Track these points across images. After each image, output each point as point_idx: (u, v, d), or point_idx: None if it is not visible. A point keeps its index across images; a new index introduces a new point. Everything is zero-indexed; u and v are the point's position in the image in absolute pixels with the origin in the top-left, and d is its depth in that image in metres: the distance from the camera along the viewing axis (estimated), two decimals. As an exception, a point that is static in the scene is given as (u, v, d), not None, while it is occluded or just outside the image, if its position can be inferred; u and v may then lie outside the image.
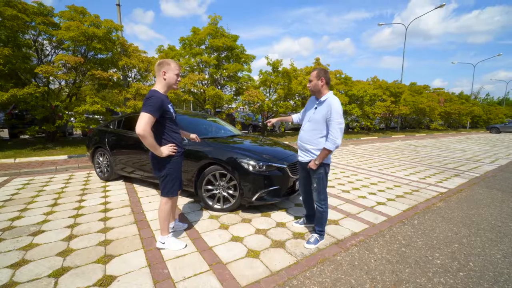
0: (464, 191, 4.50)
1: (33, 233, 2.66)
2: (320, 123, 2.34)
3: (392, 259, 2.29)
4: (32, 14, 7.16)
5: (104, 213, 3.23)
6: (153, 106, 2.05)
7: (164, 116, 2.18)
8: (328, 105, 2.29)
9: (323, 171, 2.42)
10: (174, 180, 2.32)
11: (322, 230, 2.58)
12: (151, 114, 2.04)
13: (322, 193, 2.47)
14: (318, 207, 2.52)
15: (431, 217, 3.29)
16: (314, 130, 2.39)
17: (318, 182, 2.45)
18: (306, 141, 2.47)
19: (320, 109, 2.37)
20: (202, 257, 2.26)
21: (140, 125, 2.00)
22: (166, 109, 2.18)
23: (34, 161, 6.28)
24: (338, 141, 2.24)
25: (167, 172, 2.27)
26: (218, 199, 3.32)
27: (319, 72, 2.37)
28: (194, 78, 10.40)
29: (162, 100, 2.12)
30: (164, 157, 2.20)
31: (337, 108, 2.25)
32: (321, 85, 2.37)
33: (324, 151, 2.29)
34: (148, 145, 2.09)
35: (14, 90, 6.43)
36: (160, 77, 2.20)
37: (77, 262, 2.15)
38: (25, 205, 3.48)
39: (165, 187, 2.30)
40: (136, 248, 2.39)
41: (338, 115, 2.24)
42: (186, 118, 4.41)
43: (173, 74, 2.20)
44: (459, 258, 2.33)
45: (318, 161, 2.34)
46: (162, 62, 2.20)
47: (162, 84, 2.21)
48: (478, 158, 8.48)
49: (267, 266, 2.15)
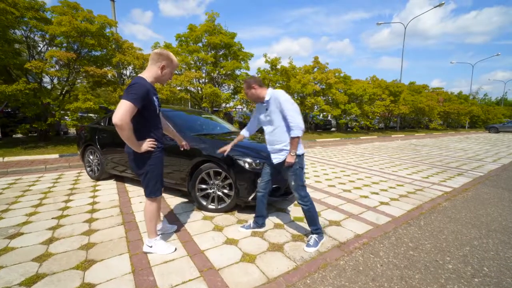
0: (470, 191, 4.33)
1: (10, 236, 2.45)
2: (278, 119, 2.29)
3: (399, 264, 2.10)
4: (23, 8, 6.92)
5: (91, 214, 3.03)
6: (137, 94, 1.80)
7: (147, 107, 1.92)
8: (274, 99, 2.28)
9: (298, 166, 2.31)
10: (156, 177, 2.10)
11: (318, 228, 2.39)
12: (133, 103, 1.77)
13: (302, 190, 2.34)
14: (302, 205, 2.35)
15: (437, 218, 3.11)
16: (277, 128, 2.32)
17: (295, 178, 2.31)
18: (275, 142, 2.36)
19: (270, 108, 2.32)
20: (193, 262, 2.06)
21: (118, 113, 1.73)
22: (151, 100, 1.94)
23: (23, 160, 6.06)
24: (300, 124, 2.20)
25: (148, 169, 2.05)
26: (212, 199, 3.13)
27: (247, 83, 2.38)
28: (191, 75, 10.19)
29: (147, 89, 1.88)
30: (143, 152, 1.98)
31: (283, 97, 2.24)
32: (256, 91, 2.35)
33: (294, 140, 2.23)
34: (125, 138, 1.84)
35: (3, 87, 6.20)
36: (154, 67, 1.97)
37: (54, 268, 1.95)
38: (8, 205, 3.27)
39: (147, 185, 2.09)
40: (121, 252, 2.19)
41: (287, 102, 2.23)
42: (182, 115, 4.21)
43: (170, 71, 2.04)
44: (472, 263, 2.14)
45: (293, 152, 2.24)
46: (163, 54, 1.97)
47: (153, 74, 1.98)
48: (480, 157, 8.33)
49: (263, 272, 1.96)
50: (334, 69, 16.78)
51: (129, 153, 2.05)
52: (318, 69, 16.61)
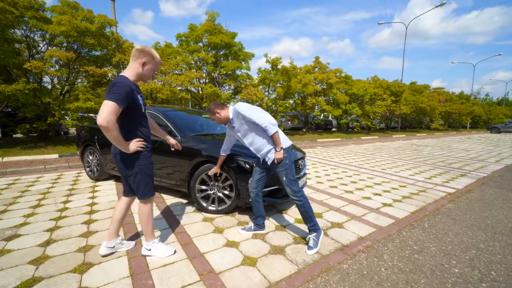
0: (473, 192, 4.27)
1: (7, 238, 2.41)
2: (251, 128, 2.32)
3: (404, 268, 2.05)
4: (23, 8, 6.89)
5: (89, 215, 2.98)
6: (120, 94, 1.73)
7: (132, 106, 1.85)
8: (236, 115, 2.33)
9: (288, 161, 2.31)
10: (148, 177, 2.03)
11: (314, 224, 2.36)
12: (117, 103, 1.71)
13: (294, 184, 2.33)
14: (296, 200, 2.33)
15: (442, 220, 3.05)
16: (255, 136, 2.35)
17: (286, 173, 2.31)
18: (260, 148, 2.38)
19: (237, 124, 2.37)
20: (192, 265, 2.01)
21: (102, 115, 1.66)
22: (135, 98, 1.87)
23: (23, 160, 6.03)
24: (271, 120, 2.23)
25: (138, 170, 1.97)
26: (212, 200, 3.08)
27: (210, 110, 2.42)
28: (191, 75, 10.15)
29: (130, 88, 1.81)
30: (131, 153, 1.91)
31: (243, 108, 2.27)
32: (220, 115, 2.38)
33: (274, 137, 2.24)
34: (112, 139, 1.78)
35: (3, 87, 6.17)
36: (136, 64, 1.89)
37: (51, 272, 1.90)
38: (6, 206, 3.23)
39: (138, 187, 2.02)
40: (119, 255, 2.14)
41: (248, 110, 2.25)
42: (182, 114, 4.16)
43: (152, 67, 1.94)
44: (479, 267, 2.09)
45: (278, 147, 2.25)
46: (145, 51, 1.89)
47: (134, 72, 1.90)
48: (483, 157, 8.26)
49: (264, 276, 1.91)
50: (335, 69, 16.73)
51: (115, 153, 1.98)
52: (319, 69, 16.56)
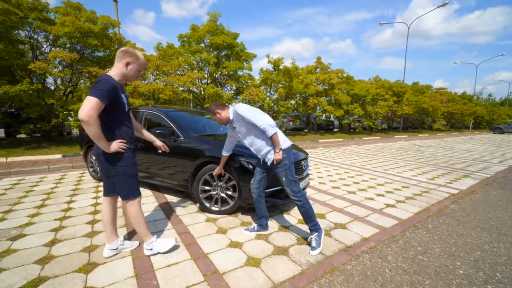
0: (477, 193, 4.25)
1: (13, 237, 2.43)
2: (250, 130, 2.35)
3: (408, 269, 2.05)
4: (26, 9, 6.94)
5: (93, 215, 3.00)
6: (102, 90, 1.75)
7: (114, 104, 1.86)
8: (236, 115, 2.35)
9: (287, 162, 2.33)
10: (131, 178, 2.03)
11: (315, 224, 2.37)
12: (99, 99, 1.72)
13: (294, 185, 2.35)
14: (296, 200, 2.35)
15: (445, 221, 3.04)
16: (254, 137, 2.37)
17: (286, 174, 2.33)
18: (260, 149, 2.40)
19: (237, 124, 2.40)
20: (197, 266, 2.02)
21: (83, 109, 1.67)
22: (118, 96, 1.88)
23: (26, 160, 6.07)
24: (269, 122, 2.25)
25: (120, 170, 1.97)
26: (215, 201, 3.09)
27: (211, 110, 2.45)
28: (193, 76, 10.17)
29: (114, 86, 1.84)
30: (112, 153, 1.90)
31: (243, 110, 2.30)
32: (221, 116, 2.41)
33: (273, 138, 2.26)
34: (92, 135, 1.77)
35: (6, 87, 6.21)
36: (120, 64, 1.93)
37: (56, 271, 1.92)
38: (10, 206, 3.26)
39: (122, 188, 2.02)
40: (123, 255, 2.15)
41: (248, 111, 2.28)
42: (184, 115, 4.18)
43: (135, 67, 1.97)
44: (484, 268, 2.08)
45: (277, 148, 2.28)
46: (128, 51, 1.93)
47: (119, 71, 1.94)
48: (486, 158, 8.22)
49: (268, 276, 1.92)
50: (336, 70, 16.71)
51: (98, 154, 1.96)
52: (321, 70, 16.55)
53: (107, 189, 2.13)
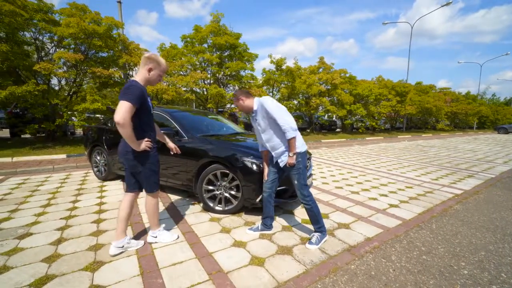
0: (481, 193, 4.22)
1: (20, 236, 2.46)
2: (270, 125, 2.32)
3: (413, 269, 2.05)
4: (32, 10, 7.02)
5: (98, 214, 3.03)
6: (134, 95, 1.91)
7: (142, 108, 2.03)
8: (261, 107, 2.31)
9: (301, 165, 2.32)
10: (156, 174, 2.24)
11: (321, 226, 2.40)
12: (131, 103, 1.89)
13: (304, 189, 2.35)
14: (304, 204, 2.37)
15: (449, 221, 3.03)
16: (273, 134, 2.34)
17: (298, 177, 2.33)
18: (275, 147, 2.38)
19: (260, 117, 2.36)
20: (201, 265, 2.04)
21: (119, 113, 1.84)
22: (145, 100, 2.06)
23: (32, 160, 6.13)
24: (292, 124, 2.22)
25: (148, 167, 2.17)
26: (219, 200, 3.11)
27: (235, 95, 2.42)
28: (196, 76, 10.21)
29: (142, 90, 1.99)
30: (140, 151, 2.08)
31: (268, 102, 2.26)
32: (243, 103, 2.37)
33: (290, 141, 2.25)
34: (126, 136, 1.95)
35: (13, 88, 6.28)
36: (144, 70, 2.08)
37: (63, 270, 1.95)
38: (17, 205, 3.30)
39: (148, 182, 2.21)
40: (129, 253, 2.18)
41: (274, 106, 2.25)
42: (188, 115, 4.20)
43: (157, 73, 2.11)
44: (488, 268, 2.07)
45: (292, 152, 2.26)
46: (151, 58, 2.07)
47: (143, 77, 2.09)
48: (490, 158, 8.16)
49: (273, 275, 1.93)
50: (339, 70, 16.65)
51: (127, 152, 2.12)
52: (324, 70, 16.51)
53: (130, 186, 2.27)
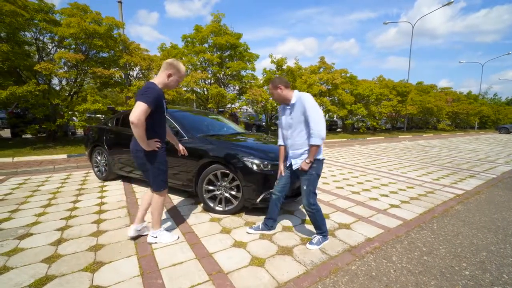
0: (483, 193, 4.21)
1: (20, 236, 2.46)
2: (301, 123, 2.23)
3: (414, 270, 2.04)
4: (33, 11, 7.03)
5: (99, 214, 3.03)
6: (150, 97, 2.01)
7: (157, 110, 2.12)
8: (301, 102, 2.20)
9: (315, 172, 2.24)
10: (163, 173, 2.29)
11: (323, 232, 2.38)
12: (148, 105, 1.98)
13: (312, 197, 2.28)
14: (308, 212, 2.31)
15: (451, 221, 3.02)
16: (299, 133, 2.25)
17: (308, 183, 2.25)
18: (297, 146, 2.29)
19: (295, 111, 2.26)
20: (201, 265, 2.03)
21: (135, 113, 1.94)
22: (161, 103, 2.14)
23: (32, 160, 6.14)
24: (322, 132, 2.12)
25: (156, 165, 2.23)
26: (219, 201, 3.10)
27: (272, 83, 2.30)
28: (197, 76, 10.21)
29: (159, 94, 2.09)
30: (149, 150, 2.16)
31: (310, 102, 2.17)
32: (282, 92, 2.28)
33: (312, 148, 2.15)
34: (138, 135, 2.03)
35: (13, 88, 6.29)
36: (163, 74, 2.17)
37: (63, 270, 1.94)
38: (17, 205, 3.30)
39: (155, 181, 2.26)
40: (129, 254, 2.18)
41: (314, 107, 2.16)
42: (188, 115, 4.20)
43: (176, 79, 2.21)
44: (490, 269, 2.06)
45: (309, 159, 2.17)
46: (172, 64, 2.17)
47: (161, 80, 2.18)
48: (492, 158, 8.13)
49: (273, 276, 1.92)
50: (340, 69, 16.61)
51: (137, 150, 2.20)
52: (324, 70, 16.48)
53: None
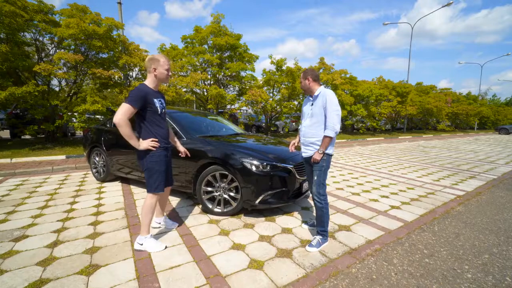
0: (484, 194, 4.17)
1: (15, 239, 2.43)
2: (320, 115, 2.34)
3: (415, 272, 2.00)
4: (32, 11, 7.01)
5: (96, 216, 3.00)
6: (133, 97, 2.07)
7: (146, 108, 2.14)
8: (323, 97, 2.31)
9: (325, 164, 2.34)
10: (157, 175, 2.22)
11: (324, 230, 2.38)
12: (130, 105, 2.05)
13: (321, 187, 2.36)
14: (317, 202, 2.37)
15: (452, 223, 2.98)
16: (316, 123, 2.37)
17: (319, 174, 2.36)
18: (309, 135, 2.41)
19: (315, 103, 2.38)
20: (199, 268, 2.00)
21: (117, 114, 2.03)
22: (150, 102, 2.15)
23: (31, 161, 6.11)
24: (336, 127, 2.25)
25: (148, 166, 2.20)
26: (218, 202, 3.07)
27: (304, 73, 2.43)
28: (197, 77, 10.19)
29: (145, 93, 2.13)
30: (143, 150, 2.17)
31: (331, 98, 2.28)
32: (309, 83, 2.40)
33: (325, 139, 2.28)
34: (124, 135, 2.07)
35: (13, 89, 6.26)
36: (150, 73, 2.20)
37: (58, 273, 1.91)
38: (14, 207, 3.27)
39: (148, 182, 2.23)
40: (125, 256, 2.14)
41: (333, 104, 2.27)
42: (188, 116, 4.17)
43: (163, 69, 2.19)
44: (493, 272, 2.03)
45: (322, 150, 2.29)
46: (152, 58, 2.19)
47: (152, 79, 2.21)
48: (492, 159, 8.10)
49: (272, 279, 1.88)
50: (340, 70, 16.60)
51: (136, 150, 2.22)
52: (324, 70, 16.46)
53: None
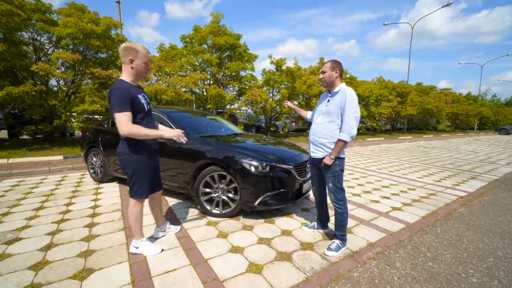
0: (486, 195, 4.12)
1: (8, 241, 2.37)
2: (335, 114, 2.16)
3: (418, 277, 1.94)
4: (30, 10, 6.95)
5: (92, 218, 2.93)
6: (120, 100, 1.81)
7: (132, 106, 1.91)
8: (343, 94, 2.12)
9: (338, 168, 2.20)
10: (142, 180, 2.06)
11: (343, 235, 2.32)
12: (124, 111, 1.82)
13: (339, 193, 2.25)
14: (337, 208, 2.28)
15: (454, 225, 2.93)
16: (329, 122, 2.21)
17: (334, 180, 2.23)
18: (320, 134, 2.24)
19: (333, 100, 2.19)
20: (196, 272, 1.94)
21: (120, 127, 1.81)
22: (134, 98, 1.91)
23: (28, 161, 6.04)
24: (353, 131, 2.09)
25: (132, 171, 2.03)
26: (217, 203, 3.01)
27: (334, 63, 2.19)
28: (196, 77, 10.13)
29: (128, 91, 1.86)
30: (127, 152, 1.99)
31: (352, 98, 2.09)
32: (335, 77, 2.19)
33: (339, 143, 2.12)
34: (144, 136, 1.92)
35: (9, 88, 6.19)
36: (126, 64, 1.92)
37: (50, 278, 1.85)
38: (8, 208, 3.21)
39: (132, 187, 2.07)
40: (120, 260, 2.08)
41: (353, 104, 2.08)
42: (186, 116, 4.11)
43: (141, 62, 1.92)
44: (498, 276, 1.97)
45: (333, 155, 2.14)
46: (128, 47, 1.88)
47: (129, 72, 1.94)
48: (493, 159, 8.05)
49: (271, 284, 1.83)
50: (340, 70, 16.55)
51: (119, 153, 2.03)
52: (324, 70, 16.41)
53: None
